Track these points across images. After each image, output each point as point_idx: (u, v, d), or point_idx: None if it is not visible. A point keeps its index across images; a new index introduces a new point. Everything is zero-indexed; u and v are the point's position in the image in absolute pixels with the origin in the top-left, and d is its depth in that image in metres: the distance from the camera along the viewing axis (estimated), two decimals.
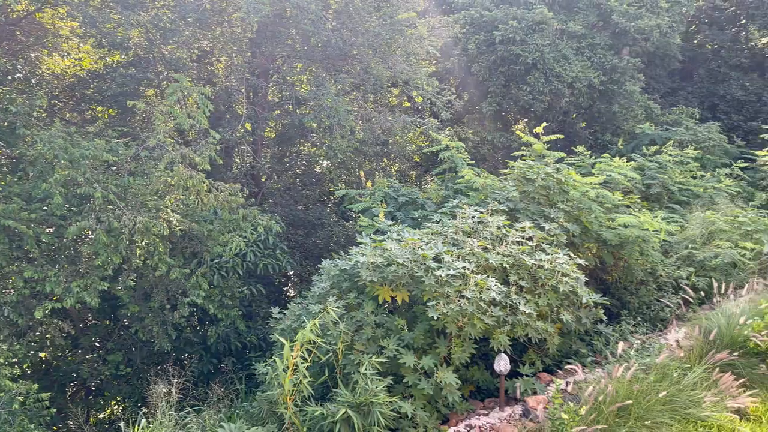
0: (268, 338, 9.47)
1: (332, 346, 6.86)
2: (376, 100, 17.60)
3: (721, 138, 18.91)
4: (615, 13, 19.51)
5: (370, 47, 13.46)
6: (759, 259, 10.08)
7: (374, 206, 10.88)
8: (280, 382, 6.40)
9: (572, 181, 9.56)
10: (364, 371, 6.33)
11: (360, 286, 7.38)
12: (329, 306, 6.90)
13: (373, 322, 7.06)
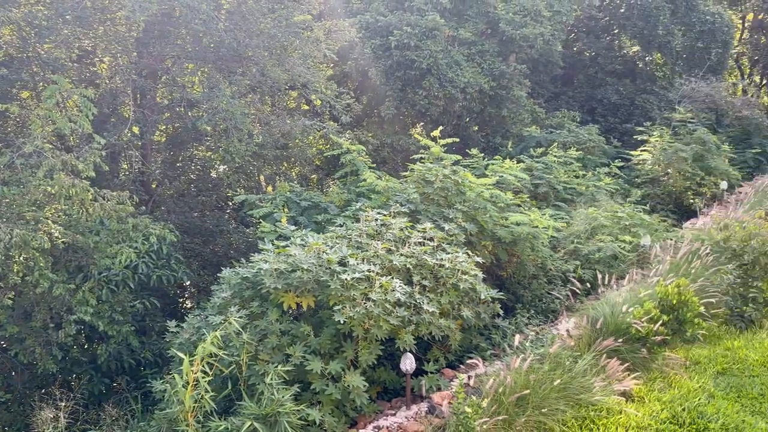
0: (165, 353, 9.01)
1: (235, 357, 6.64)
2: (273, 103, 17.29)
3: (599, 139, 20.41)
4: (502, 21, 20.49)
5: (266, 49, 13.21)
6: (637, 251, 10.96)
7: (276, 211, 10.69)
8: (179, 399, 6.10)
9: (468, 183, 9.92)
10: (270, 381, 6.18)
11: (263, 293, 7.21)
12: (231, 316, 6.67)
13: (278, 330, 6.92)
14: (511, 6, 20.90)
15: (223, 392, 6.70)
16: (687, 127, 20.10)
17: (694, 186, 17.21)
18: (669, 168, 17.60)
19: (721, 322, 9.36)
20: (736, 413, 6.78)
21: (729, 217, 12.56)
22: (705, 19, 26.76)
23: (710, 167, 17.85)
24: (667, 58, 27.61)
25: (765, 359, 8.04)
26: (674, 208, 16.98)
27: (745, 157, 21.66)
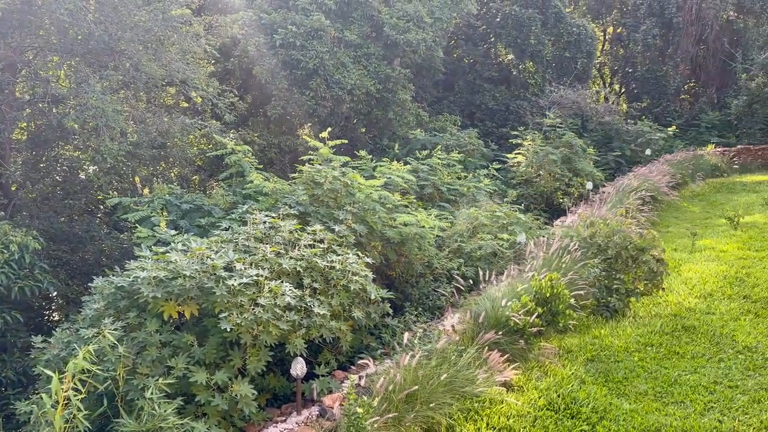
0: (30, 372, 8.20)
1: (111, 372, 6.17)
2: (149, 100, 16.34)
3: (479, 143, 21.40)
4: (386, 25, 20.85)
5: (141, 43, 12.46)
6: (514, 248, 11.59)
7: (154, 215, 10.09)
8: (48, 420, 5.56)
9: (357, 184, 9.97)
10: (150, 395, 5.81)
11: (141, 303, 6.76)
12: (105, 329, 6.20)
13: (158, 342, 6.52)
14: (395, 11, 21.34)
15: (98, 410, 6.21)
16: (556, 131, 21.61)
17: (563, 186, 18.54)
18: (541, 170, 18.81)
19: (589, 312, 10.13)
20: (604, 396, 7.36)
21: (594, 215, 13.65)
22: (572, 30, 28.97)
23: (577, 169, 19.31)
24: (538, 67, 29.53)
25: (627, 345, 8.81)
26: (546, 207, 18.18)
27: (607, 159, 23.69)
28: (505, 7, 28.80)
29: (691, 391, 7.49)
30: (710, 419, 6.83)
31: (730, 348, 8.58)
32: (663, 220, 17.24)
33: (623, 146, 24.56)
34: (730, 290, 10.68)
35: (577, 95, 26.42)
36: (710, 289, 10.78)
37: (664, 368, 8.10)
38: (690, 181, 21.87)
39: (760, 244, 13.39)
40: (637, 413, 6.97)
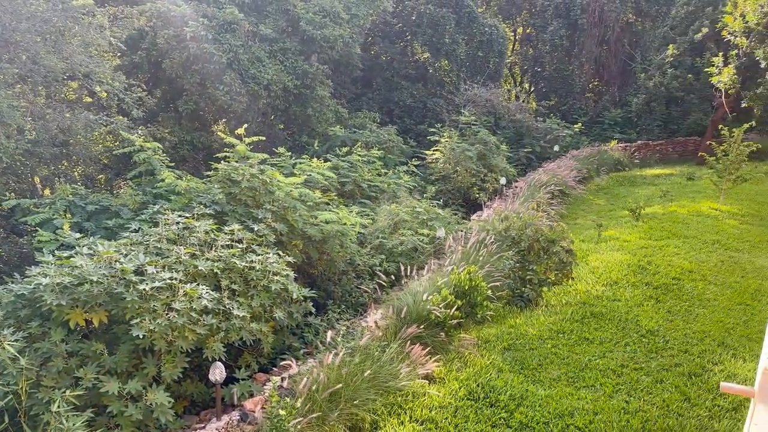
0: None
1: (12, 387, 5.73)
2: (49, 95, 15.30)
3: (398, 139, 21.62)
4: (303, 20, 20.62)
5: (39, 34, 11.63)
6: (434, 242, 11.79)
7: (56, 217, 9.45)
8: None
9: (277, 182, 9.79)
10: (57, 409, 5.45)
11: (44, 312, 6.32)
12: (4, 340, 5.74)
13: (64, 352, 6.12)
14: (311, 6, 21.14)
15: None
16: (472, 128, 22.21)
17: (479, 182, 19.08)
18: (458, 166, 19.27)
19: (505, 303, 10.48)
20: (520, 384, 7.64)
21: (508, 209, 14.14)
22: (484, 30, 29.83)
23: (492, 165, 19.93)
24: (453, 65, 30.21)
25: (541, 333, 9.18)
26: (463, 202, 18.65)
27: (519, 155, 24.61)
28: (420, 5, 29.23)
29: (600, 374, 7.91)
30: (618, 401, 7.24)
31: (635, 332, 9.14)
32: (571, 212, 18.12)
33: (533, 143, 25.60)
34: (633, 278, 11.36)
35: (490, 94, 27.25)
36: (615, 277, 11.42)
37: (576, 354, 8.51)
38: (595, 176, 23.11)
39: (660, 234, 14.35)
40: (551, 398, 7.28)
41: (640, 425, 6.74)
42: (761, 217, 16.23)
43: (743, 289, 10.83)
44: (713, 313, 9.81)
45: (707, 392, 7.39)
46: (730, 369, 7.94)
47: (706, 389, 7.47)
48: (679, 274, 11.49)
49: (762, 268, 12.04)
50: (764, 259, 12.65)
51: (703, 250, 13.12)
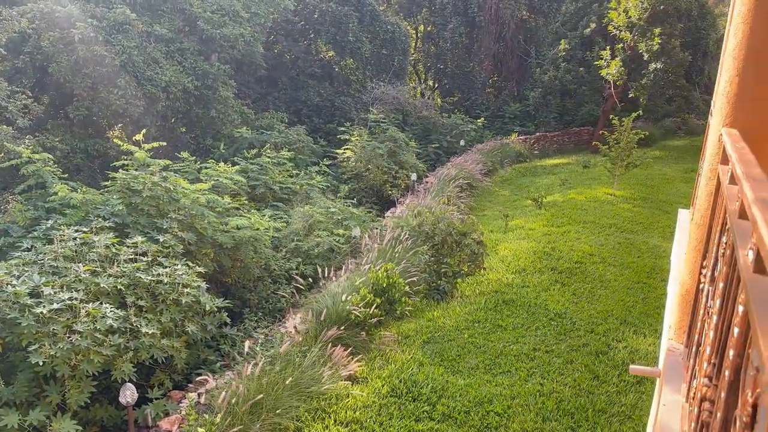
0: None
1: None
2: None
3: (308, 139, 21.40)
4: (200, 19, 19.92)
5: None
6: (350, 242, 11.79)
7: None
8: None
9: (182, 189, 9.39)
10: None
11: None
12: None
13: None
14: (208, 5, 20.47)
15: None
16: (381, 126, 22.39)
17: (391, 179, 19.29)
18: (369, 164, 19.37)
19: (423, 297, 10.65)
20: (441, 375, 7.79)
21: (421, 204, 14.39)
22: (387, 28, 30.13)
23: (402, 161, 20.20)
24: (358, 63, 30.30)
25: (458, 324, 9.42)
26: (377, 200, 18.78)
27: (428, 151, 25.09)
28: (321, 4, 29.06)
29: (515, 360, 8.22)
30: (533, 384, 7.56)
31: (544, 316, 9.57)
32: (479, 204, 18.73)
33: (441, 138, 26.20)
34: (540, 264, 11.91)
35: (397, 91, 27.59)
36: (523, 265, 11.92)
37: (491, 342, 8.79)
38: (499, 168, 24.01)
39: (561, 221, 15.13)
40: (471, 387, 7.48)
41: (554, 406, 7.07)
42: (651, 200, 17.51)
43: (640, 269, 11.63)
44: (614, 293, 10.46)
45: (614, 369, 7.87)
46: (632, 345, 8.50)
47: (613, 366, 7.95)
48: (581, 257, 12.16)
49: (655, 247, 12.99)
50: (657, 239, 13.65)
51: (602, 233, 13.96)
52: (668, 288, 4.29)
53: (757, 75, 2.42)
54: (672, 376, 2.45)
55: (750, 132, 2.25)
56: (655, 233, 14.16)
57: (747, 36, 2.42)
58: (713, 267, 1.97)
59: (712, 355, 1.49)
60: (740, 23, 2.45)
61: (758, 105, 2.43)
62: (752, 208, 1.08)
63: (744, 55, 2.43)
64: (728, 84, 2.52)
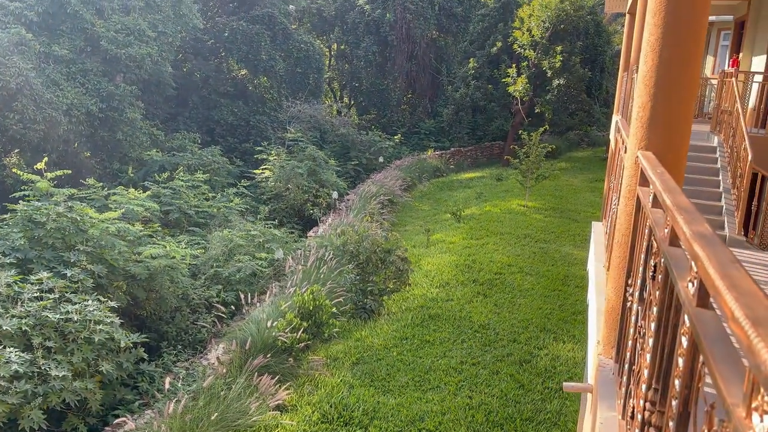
0: None
1: None
2: None
3: (223, 160, 20.85)
4: (104, 39, 19.05)
5: None
6: (273, 265, 11.54)
7: None
8: None
9: (89, 219, 8.84)
10: None
11: None
12: None
13: None
14: (112, 24, 19.61)
15: None
16: (299, 145, 22.20)
17: (312, 198, 19.13)
18: (289, 183, 19.13)
19: (350, 317, 10.57)
20: (372, 396, 7.73)
21: (343, 222, 14.35)
22: (300, 47, 30.05)
23: (323, 180, 20.10)
24: (273, 82, 30.00)
25: (386, 342, 9.41)
26: (298, 220, 18.55)
27: (347, 168, 25.13)
28: (231, 22, 28.59)
29: (444, 374, 8.30)
30: (462, 397, 7.66)
31: (469, 328, 9.75)
32: (401, 220, 18.93)
33: (360, 155, 26.34)
34: (462, 277, 12.15)
35: (314, 110, 27.52)
36: (447, 278, 12.13)
37: (420, 358, 8.84)
38: (418, 183, 24.41)
39: (479, 233, 15.55)
40: (402, 406, 7.47)
41: (484, 418, 7.19)
42: (561, 210, 18.37)
43: (554, 276, 12.13)
44: (533, 301, 10.84)
45: (537, 376, 8.12)
46: (554, 352, 8.82)
47: (536, 374, 8.20)
48: (500, 268, 12.53)
49: (567, 255, 13.61)
50: (568, 247, 14.31)
51: (518, 244, 14.47)
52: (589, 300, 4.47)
53: (667, 100, 2.58)
54: (605, 393, 2.54)
55: (663, 154, 2.39)
56: (567, 241, 14.84)
57: (656, 64, 2.58)
58: (641, 287, 2.05)
59: (651, 379, 1.55)
60: (649, 51, 2.61)
61: (669, 129, 2.59)
62: (693, 243, 1.12)
63: (654, 81, 2.59)
64: (641, 109, 2.67)
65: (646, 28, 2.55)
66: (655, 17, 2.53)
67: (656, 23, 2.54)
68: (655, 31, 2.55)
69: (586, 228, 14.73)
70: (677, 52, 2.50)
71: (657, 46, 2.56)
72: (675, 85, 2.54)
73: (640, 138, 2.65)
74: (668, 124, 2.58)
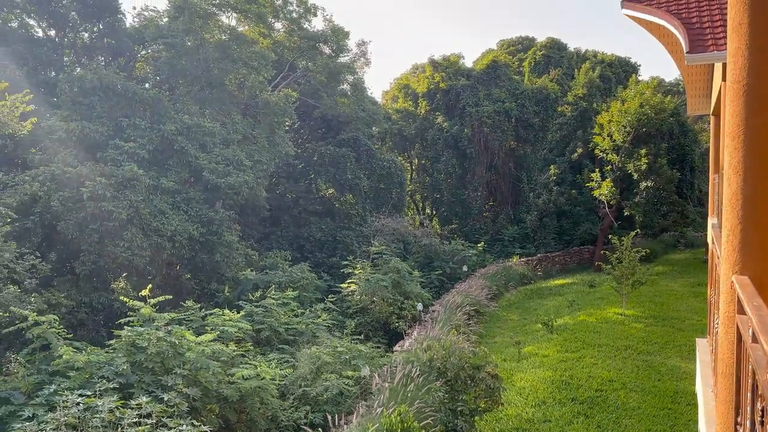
0: None
1: None
2: None
3: (312, 276, 21.47)
4: (205, 170, 20.85)
5: None
6: (359, 383, 11.38)
7: None
8: None
9: (187, 342, 9.24)
10: None
11: None
12: None
13: None
14: (213, 156, 21.52)
15: None
16: (383, 257, 22.58)
17: (397, 310, 19.10)
18: (374, 296, 19.29)
19: None
20: None
21: (429, 335, 14.08)
22: (383, 164, 31.49)
23: (407, 292, 20.12)
24: (358, 198, 31.28)
25: None
26: (383, 333, 18.46)
27: (431, 278, 25.10)
28: (320, 147, 30.62)
29: None
30: None
31: None
32: (489, 331, 18.35)
33: (443, 265, 26.33)
34: (559, 394, 11.42)
35: (396, 222, 28.22)
36: (542, 396, 11.43)
37: None
38: (505, 291, 23.85)
39: (575, 345, 14.74)
40: None
41: None
42: (663, 318, 17.19)
43: (662, 393, 11.14)
44: (640, 422, 9.94)
45: None
46: None
47: None
48: (601, 384, 11.70)
49: (674, 368, 12.54)
50: (675, 359, 13.22)
51: (618, 356, 13.55)
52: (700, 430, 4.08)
53: (756, 223, 2.48)
54: None
55: (760, 280, 2.26)
56: (672, 353, 13.74)
57: (740, 186, 2.51)
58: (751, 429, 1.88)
59: None
60: (732, 174, 2.56)
61: (764, 253, 2.46)
62: None
63: (741, 204, 2.51)
64: (731, 232, 2.58)
65: (725, 151, 2.52)
66: (734, 141, 2.50)
67: (735, 147, 2.51)
68: (735, 154, 2.51)
69: (693, 337, 13.64)
70: (762, 174, 2.43)
71: (739, 168, 2.50)
72: (763, 208, 2.44)
73: (733, 262, 2.53)
74: (762, 247, 2.46)
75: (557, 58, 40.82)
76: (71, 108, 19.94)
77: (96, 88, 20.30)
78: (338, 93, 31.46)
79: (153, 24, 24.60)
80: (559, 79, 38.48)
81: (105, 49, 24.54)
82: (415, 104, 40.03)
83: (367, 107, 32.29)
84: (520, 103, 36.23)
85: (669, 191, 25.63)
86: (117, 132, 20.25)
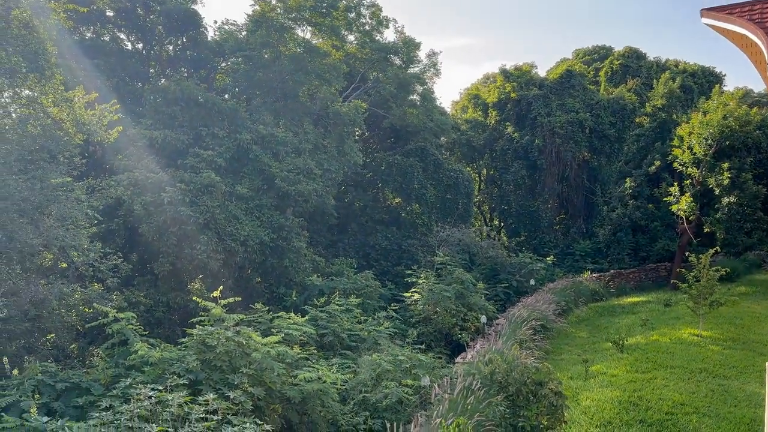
0: None
1: None
2: (24, 268, 15.24)
3: (376, 284, 21.70)
4: (278, 178, 21.56)
5: (16, 212, 11.86)
6: (419, 392, 11.43)
7: (24, 399, 8.99)
8: None
9: (254, 343, 9.61)
10: None
11: None
12: None
13: None
14: (285, 164, 22.21)
15: None
16: (447, 268, 22.50)
17: (460, 321, 18.97)
18: (437, 307, 19.25)
19: None
20: None
21: (492, 349, 13.92)
22: (450, 175, 31.41)
23: (471, 303, 19.96)
24: (424, 208, 31.33)
25: None
26: (445, 345, 18.37)
27: (496, 291, 24.76)
28: (388, 156, 30.94)
29: None
30: None
31: None
32: (555, 347, 17.90)
33: (509, 278, 25.90)
34: (626, 415, 11.02)
35: (462, 233, 28.03)
36: (609, 417, 11.06)
37: None
38: (574, 307, 23.17)
39: (646, 366, 14.16)
40: None
41: None
42: (744, 341, 16.22)
43: (738, 420, 10.54)
44: None
45: None
46: None
47: None
48: (672, 407, 11.20)
49: (753, 395, 11.82)
50: (754, 385, 12.45)
51: (692, 379, 12.91)
52: None
53: None
54: None
55: None
56: (752, 378, 12.94)
57: None
58: None
59: None
60: None
61: None
62: None
63: None
64: None
65: None
66: None
67: None
68: None
69: None
70: None
71: None
72: None
73: None
74: None
75: (635, 67, 39.40)
76: (154, 117, 21.16)
77: (178, 98, 21.47)
78: (407, 103, 31.67)
79: (233, 37, 25.70)
80: (637, 89, 37.12)
81: (188, 61, 25.83)
82: (484, 114, 39.72)
83: (435, 117, 32.35)
84: (595, 114, 35.23)
85: (754, 207, 24.15)
86: (196, 140, 21.30)
